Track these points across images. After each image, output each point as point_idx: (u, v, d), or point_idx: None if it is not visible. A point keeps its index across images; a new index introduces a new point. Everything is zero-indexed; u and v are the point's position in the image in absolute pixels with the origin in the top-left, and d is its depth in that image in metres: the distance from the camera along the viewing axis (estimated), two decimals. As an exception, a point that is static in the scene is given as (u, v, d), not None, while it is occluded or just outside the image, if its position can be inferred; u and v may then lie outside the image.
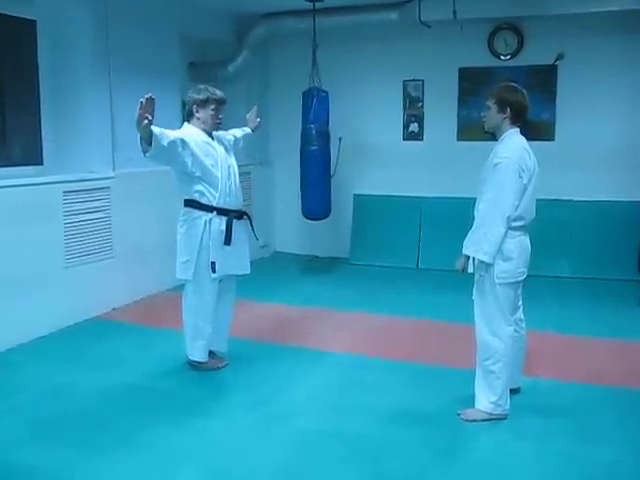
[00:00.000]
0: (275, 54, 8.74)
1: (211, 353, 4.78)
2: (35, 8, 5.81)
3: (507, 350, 3.88)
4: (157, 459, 3.45)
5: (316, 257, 8.64)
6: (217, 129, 4.66)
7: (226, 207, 4.50)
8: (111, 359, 4.94)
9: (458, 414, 3.93)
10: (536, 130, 7.71)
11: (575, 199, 7.66)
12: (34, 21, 5.88)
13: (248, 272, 4.74)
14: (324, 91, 7.37)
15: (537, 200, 3.92)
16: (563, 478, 3.27)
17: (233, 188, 4.57)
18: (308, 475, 3.33)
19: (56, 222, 5.58)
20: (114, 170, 6.20)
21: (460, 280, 7.39)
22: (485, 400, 3.89)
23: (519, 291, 4.08)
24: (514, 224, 3.83)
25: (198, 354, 4.67)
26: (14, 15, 5.68)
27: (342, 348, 5.18)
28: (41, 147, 6.05)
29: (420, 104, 8.32)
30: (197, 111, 4.51)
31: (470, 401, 3.98)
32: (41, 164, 6.03)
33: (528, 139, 4.07)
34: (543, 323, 5.65)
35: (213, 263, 4.46)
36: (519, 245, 3.88)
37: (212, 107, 4.50)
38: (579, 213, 7.66)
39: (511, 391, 3.98)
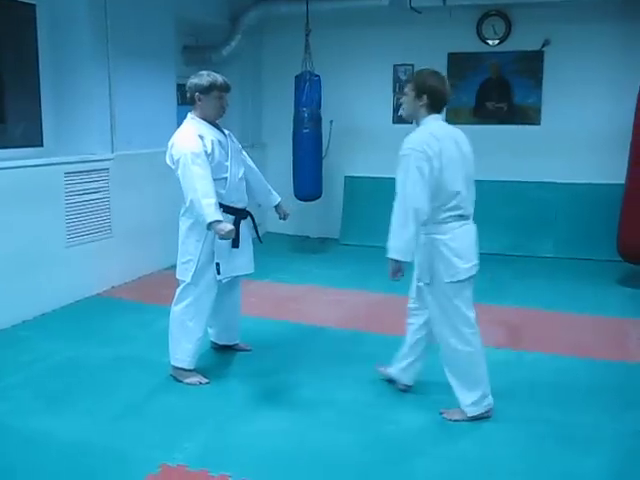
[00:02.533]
0: (268, 38, 8.86)
1: (225, 347, 4.79)
2: (35, -8, 5.93)
3: (472, 351, 3.73)
4: (166, 425, 3.66)
5: (307, 237, 8.81)
6: (220, 117, 4.29)
7: (233, 205, 4.23)
8: (114, 334, 5.12)
9: (441, 413, 3.80)
10: (522, 115, 7.95)
11: (559, 181, 7.86)
12: (34, 5, 5.97)
13: (252, 272, 4.52)
14: (316, 75, 7.53)
15: (523, 182, 3.94)
16: (547, 441, 3.49)
17: (242, 185, 4.34)
18: (309, 438, 3.54)
19: (58, 203, 5.73)
20: (113, 152, 6.33)
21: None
22: (466, 401, 3.73)
23: (471, 287, 3.83)
24: (451, 213, 3.66)
25: (182, 357, 4.25)
26: (14, -1, 5.81)
27: (336, 323, 5.37)
28: (41, 129, 6.16)
29: (410, 88, 8.47)
30: (199, 99, 4.15)
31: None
32: (41, 146, 6.14)
33: (514, 123, 4.11)
34: (528, 300, 5.93)
35: (218, 264, 4.19)
36: (465, 236, 3.71)
37: (215, 94, 4.15)
38: (563, 195, 7.88)
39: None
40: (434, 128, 3.68)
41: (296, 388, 4.16)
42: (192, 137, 4.07)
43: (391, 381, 4.16)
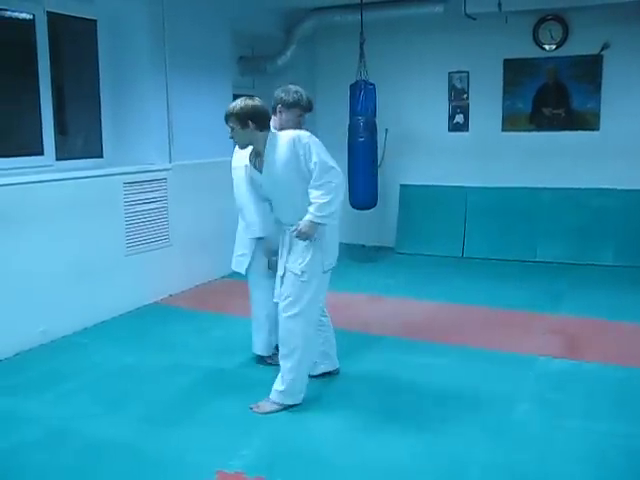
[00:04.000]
0: (323, 47, 8.91)
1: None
2: (95, 8, 6.09)
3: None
4: (222, 431, 3.69)
5: (363, 246, 8.79)
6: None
7: None
8: (172, 342, 5.20)
9: (250, 408, 3.96)
10: (581, 120, 7.82)
11: (620, 188, 7.69)
12: (95, 20, 6.15)
13: None
14: (371, 83, 7.54)
15: (582, 189, 3.87)
16: (607, 454, 3.41)
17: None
18: (363, 445, 3.53)
19: (117, 212, 5.85)
20: (170, 162, 6.45)
21: (503, 268, 7.55)
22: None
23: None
24: None
25: (256, 347, 4.66)
26: (76, 15, 5.96)
27: (393, 332, 5.35)
28: (101, 140, 6.33)
29: (465, 95, 8.43)
30: (281, 112, 4.35)
31: (505, 380, 4.24)
32: (101, 157, 6.31)
33: (573, 129, 4.12)
34: (587, 309, 5.82)
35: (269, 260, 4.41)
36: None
37: (297, 112, 4.34)
38: (624, 202, 7.70)
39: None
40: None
41: (352, 396, 4.15)
42: None
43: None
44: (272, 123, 4.39)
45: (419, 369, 4.59)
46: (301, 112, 4.35)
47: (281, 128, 4.35)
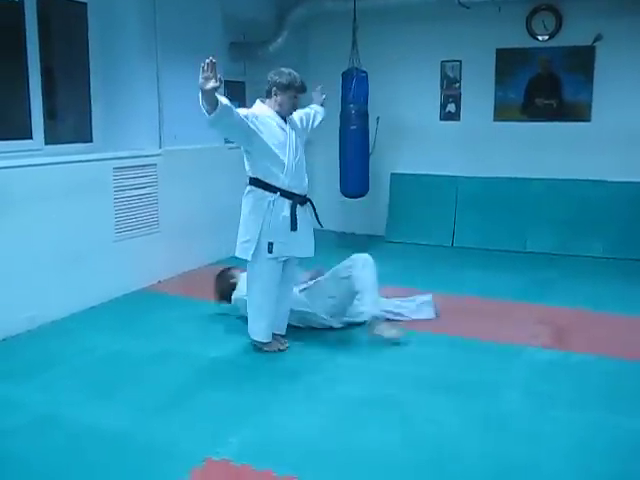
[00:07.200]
0: (315, 35, 8.86)
1: (273, 335, 4.78)
2: (86, -9, 6.02)
3: None
4: (211, 419, 3.68)
5: (353, 234, 8.80)
6: (290, 114, 4.64)
7: (290, 190, 4.48)
8: (160, 328, 5.17)
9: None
10: (572, 111, 7.82)
11: (610, 180, 7.71)
12: (85, 3, 6.08)
13: (311, 255, 4.73)
14: (363, 71, 7.51)
15: (572, 180, 3.96)
16: (593, 445, 3.42)
17: (300, 173, 4.57)
18: (351, 433, 3.53)
19: (106, 197, 5.80)
20: (160, 147, 6.41)
21: (493, 258, 7.54)
22: None
23: None
24: None
25: (261, 334, 4.63)
26: (66, -2, 5.91)
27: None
28: (91, 125, 6.26)
29: (457, 84, 8.42)
30: (276, 94, 4.50)
31: (494, 370, 4.26)
32: (91, 141, 6.25)
33: (564, 120, 4.14)
34: (575, 300, 5.82)
35: (270, 244, 4.45)
36: None
37: (292, 94, 4.52)
38: (613, 194, 7.71)
39: None
40: None
41: (341, 384, 4.15)
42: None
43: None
44: (267, 105, 4.56)
45: (406, 358, 4.59)
46: (295, 94, 4.53)
47: (278, 110, 4.52)
